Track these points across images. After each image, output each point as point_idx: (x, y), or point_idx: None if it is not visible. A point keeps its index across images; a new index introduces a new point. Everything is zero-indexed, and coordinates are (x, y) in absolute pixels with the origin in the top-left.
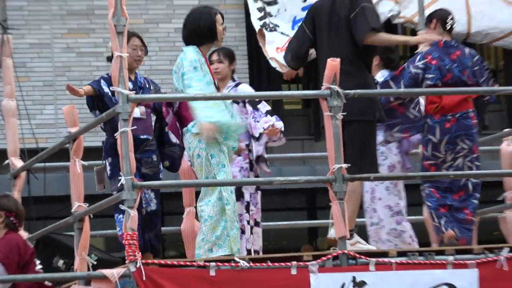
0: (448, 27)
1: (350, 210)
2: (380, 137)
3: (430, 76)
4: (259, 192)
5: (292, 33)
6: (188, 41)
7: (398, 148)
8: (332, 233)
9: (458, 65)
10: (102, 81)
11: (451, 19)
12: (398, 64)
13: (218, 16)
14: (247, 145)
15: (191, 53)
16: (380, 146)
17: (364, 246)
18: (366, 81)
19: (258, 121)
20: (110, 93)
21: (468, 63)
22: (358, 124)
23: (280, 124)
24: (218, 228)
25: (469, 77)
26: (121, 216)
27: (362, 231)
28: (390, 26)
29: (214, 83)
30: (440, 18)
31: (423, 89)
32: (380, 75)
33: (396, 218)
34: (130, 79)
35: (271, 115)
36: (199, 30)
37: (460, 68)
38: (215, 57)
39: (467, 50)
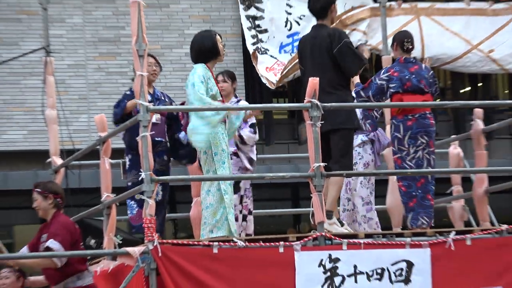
0: (406, 48)
1: (332, 196)
2: (358, 140)
3: (392, 85)
4: (250, 188)
5: (279, 56)
6: (196, 60)
7: (372, 149)
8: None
9: (415, 76)
10: (125, 101)
11: (408, 41)
12: None
13: (218, 37)
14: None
15: (200, 69)
16: (357, 147)
17: (339, 228)
18: (344, 98)
19: (242, 130)
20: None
21: (425, 75)
22: (342, 131)
23: (249, 135)
24: (218, 213)
25: (425, 85)
26: (132, 202)
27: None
28: None
29: (221, 94)
30: (399, 41)
31: (387, 103)
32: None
33: (366, 207)
34: (148, 92)
35: (254, 127)
36: (204, 49)
37: (418, 78)
38: (220, 77)
39: (423, 65)
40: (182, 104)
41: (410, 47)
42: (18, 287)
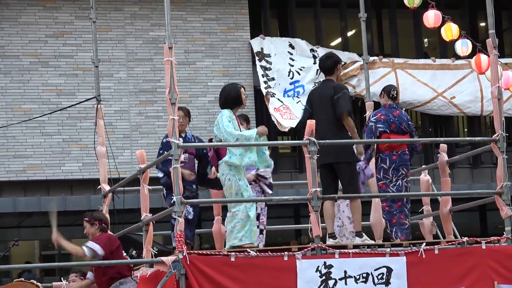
0: (391, 96)
1: (357, 219)
2: None
3: (380, 125)
4: (266, 207)
5: (283, 99)
6: (223, 106)
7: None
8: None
9: (398, 119)
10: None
11: (393, 91)
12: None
13: (242, 89)
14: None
15: (226, 113)
16: None
17: (368, 241)
18: (343, 137)
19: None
20: None
21: (404, 118)
22: (344, 164)
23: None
24: (246, 226)
25: (405, 127)
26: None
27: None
28: None
29: None
30: (386, 91)
31: (378, 140)
32: None
33: (352, 225)
34: (181, 136)
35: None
36: (230, 98)
37: (400, 121)
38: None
39: (403, 110)
40: (210, 141)
41: (395, 96)
42: None
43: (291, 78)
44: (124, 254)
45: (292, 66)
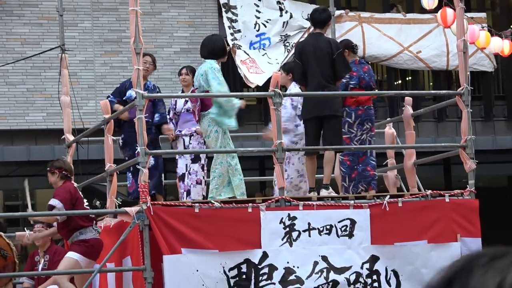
0: (355, 51)
1: (327, 172)
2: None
3: (352, 82)
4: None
5: (249, 52)
6: (207, 57)
7: None
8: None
9: (367, 75)
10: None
11: (355, 45)
12: None
13: (225, 40)
14: None
15: (213, 64)
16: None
17: (333, 193)
18: (336, 89)
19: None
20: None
21: (372, 74)
22: (336, 118)
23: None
24: (225, 181)
25: (373, 82)
26: (129, 174)
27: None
28: None
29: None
30: (349, 47)
31: (348, 92)
32: (293, 86)
33: (300, 178)
34: None
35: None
36: (216, 49)
37: (369, 77)
38: (184, 71)
39: (369, 66)
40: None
41: (358, 49)
42: (48, 240)
43: (257, 31)
44: (86, 204)
45: (258, 18)
